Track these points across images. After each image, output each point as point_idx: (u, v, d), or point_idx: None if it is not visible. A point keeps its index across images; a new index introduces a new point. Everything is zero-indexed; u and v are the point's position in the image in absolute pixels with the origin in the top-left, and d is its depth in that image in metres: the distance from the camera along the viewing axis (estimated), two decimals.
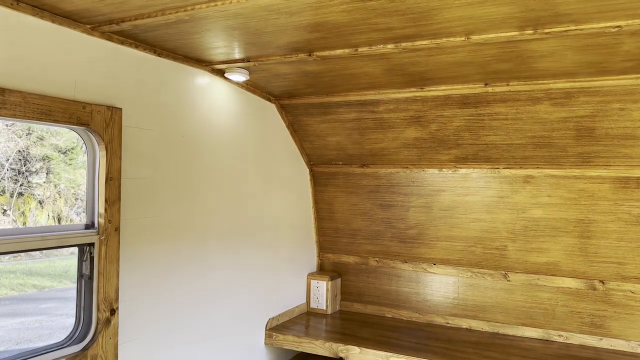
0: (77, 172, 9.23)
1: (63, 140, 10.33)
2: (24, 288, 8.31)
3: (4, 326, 6.29)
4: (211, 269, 2.23)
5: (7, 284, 8.39)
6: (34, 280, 8.53)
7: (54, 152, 9.74)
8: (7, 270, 9.15)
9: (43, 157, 9.75)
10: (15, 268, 9.42)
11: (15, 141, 9.12)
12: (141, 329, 1.89)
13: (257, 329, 2.57)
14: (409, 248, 2.86)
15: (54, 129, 11.11)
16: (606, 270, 2.40)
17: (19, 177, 8.95)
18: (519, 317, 2.59)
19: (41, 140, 10.06)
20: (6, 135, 9.04)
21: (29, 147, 9.48)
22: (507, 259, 2.60)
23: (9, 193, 8.90)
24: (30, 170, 9.17)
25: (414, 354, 2.28)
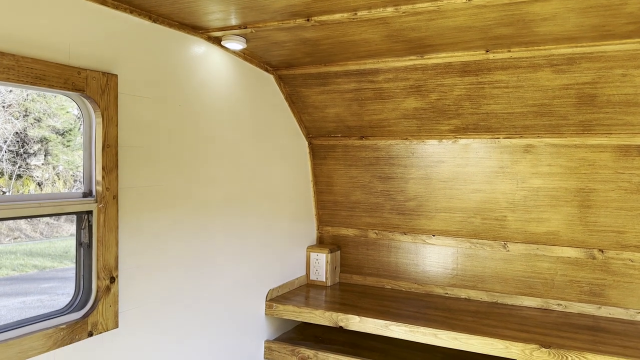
0: (75, 154, 9.19)
1: (60, 122, 10.27)
2: (24, 268, 8.34)
3: (5, 305, 6.33)
4: (211, 239, 2.23)
5: (8, 264, 8.43)
6: (35, 260, 8.56)
7: (51, 133, 9.69)
8: (8, 251, 9.18)
9: (41, 138, 9.70)
10: (16, 249, 9.44)
11: (12, 123, 9.06)
12: (141, 298, 1.89)
13: (258, 300, 2.58)
14: (408, 220, 2.86)
15: (50, 110, 11.05)
16: (605, 239, 2.41)
17: (17, 159, 8.90)
18: (518, 287, 2.60)
19: (38, 122, 10.00)
20: (3, 117, 8.98)
21: (26, 128, 9.42)
22: (506, 229, 2.60)
23: (8, 175, 8.88)
24: (28, 152, 9.13)
25: (413, 322, 2.30)
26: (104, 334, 1.74)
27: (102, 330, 1.73)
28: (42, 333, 1.53)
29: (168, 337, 2.00)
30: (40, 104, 9.85)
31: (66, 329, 1.60)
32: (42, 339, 1.53)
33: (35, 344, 1.51)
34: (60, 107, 10.09)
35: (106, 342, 1.74)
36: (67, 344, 1.61)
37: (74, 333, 1.63)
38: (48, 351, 1.55)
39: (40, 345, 1.53)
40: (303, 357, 2.50)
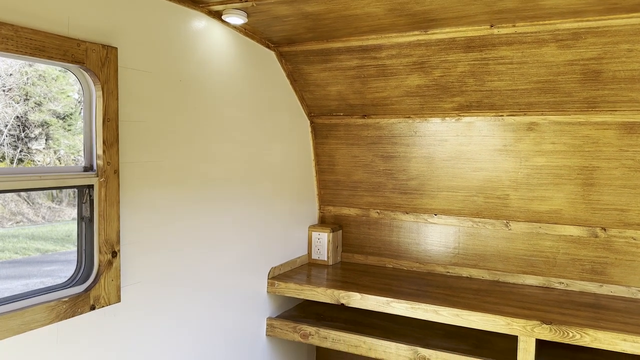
0: (76, 138, 9.16)
1: (61, 106, 10.23)
2: (27, 251, 8.38)
3: (8, 288, 6.37)
4: (212, 217, 2.22)
5: (10, 247, 8.46)
6: (37, 244, 8.59)
7: (52, 117, 9.65)
8: (10, 235, 9.21)
9: (42, 123, 9.67)
10: (18, 232, 9.48)
11: (13, 107, 9.03)
12: (143, 273, 1.89)
13: (259, 278, 2.58)
14: (410, 199, 2.85)
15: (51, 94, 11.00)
16: (608, 218, 2.40)
17: (18, 143, 8.89)
18: (520, 265, 2.60)
19: (39, 105, 9.96)
20: (3, 101, 8.94)
21: (27, 112, 9.39)
22: (508, 208, 2.59)
23: (9, 159, 8.88)
24: (29, 136, 9.11)
25: (415, 299, 2.30)
26: (106, 308, 1.74)
27: (105, 304, 1.73)
28: (44, 306, 1.54)
29: (170, 312, 2.01)
30: (41, 88, 9.80)
31: (68, 302, 1.60)
32: (45, 311, 1.53)
33: (37, 316, 1.51)
34: (60, 91, 10.03)
35: (108, 316, 1.74)
36: (69, 317, 1.61)
37: (76, 306, 1.63)
38: (50, 324, 1.55)
39: (42, 318, 1.53)
40: (305, 334, 2.51)
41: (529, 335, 2.03)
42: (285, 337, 2.57)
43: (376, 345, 2.34)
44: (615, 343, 1.91)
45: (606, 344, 1.92)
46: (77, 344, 1.63)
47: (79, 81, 1.73)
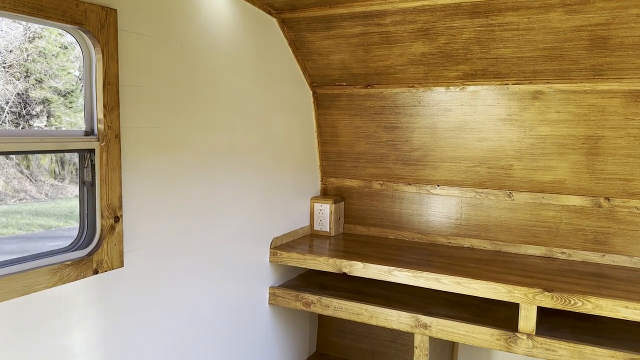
0: (77, 116, 9.12)
1: (62, 83, 10.17)
2: (30, 227, 8.42)
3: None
4: (214, 185, 2.22)
5: (14, 223, 8.50)
6: (41, 220, 8.62)
7: (53, 95, 9.59)
8: (14, 211, 9.25)
9: (43, 100, 9.62)
10: (22, 209, 9.51)
11: (13, 84, 8.98)
12: (146, 239, 1.89)
13: (262, 247, 2.59)
14: (412, 170, 2.84)
15: (52, 71, 10.91)
16: (612, 187, 2.38)
17: (20, 121, 8.92)
18: (522, 236, 2.60)
19: (40, 82, 9.90)
20: (4, 77, 8.88)
21: (28, 89, 9.34)
22: (512, 178, 2.58)
23: None
24: (30, 113, 9.07)
25: (416, 267, 2.30)
26: (110, 272, 1.75)
27: (108, 268, 1.73)
28: (47, 268, 1.54)
29: (174, 278, 2.02)
30: (41, 65, 9.72)
31: (71, 266, 1.61)
32: (48, 274, 1.54)
33: (40, 278, 1.52)
34: (61, 68, 9.96)
35: (111, 280, 1.75)
36: (72, 280, 1.62)
37: (79, 270, 1.64)
38: (54, 286, 1.56)
39: (46, 280, 1.53)
40: (307, 302, 2.52)
41: (530, 302, 2.04)
42: (287, 305, 2.59)
43: (377, 313, 2.35)
44: (617, 310, 1.91)
45: (607, 311, 1.93)
46: (81, 307, 1.64)
47: (78, 44, 1.70)
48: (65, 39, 7.83)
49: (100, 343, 1.71)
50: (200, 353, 2.19)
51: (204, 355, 2.21)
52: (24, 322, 1.47)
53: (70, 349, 1.61)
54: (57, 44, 8.62)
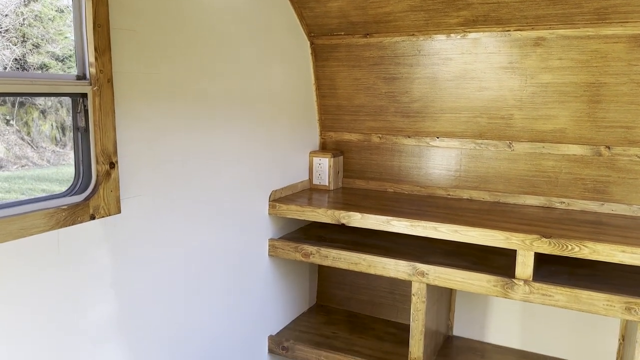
0: None
1: (59, 48, 10.05)
2: (33, 192, 8.48)
3: None
4: (211, 134, 2.20)
5: (17, 188, 8.55)
6: (43, 185, 8.67)
7: (51, 60, 9.50)
8: (16, 177, 9.31)
9: (40, 65, 9.54)
10: (24, 174, 9.57)
11: (10, 49, 8.89)
12: (143, 187, 1.89)
13: (261, 200, 2.59)
14: (412, 122, 2.81)
15: (48, 36, 10.75)
16: (613, 135, 2.36)
17: None
18: (521, 186, 2.59)
19: (37, 48, 9.79)
20: (1, 43, 8.77)
21: (25, 55, 9.25)
22: (512, 128, 2.55)
23: (10, 102, 8.83)
24: None
25: (415, 217, 2.31)
26: (107, 219, 1.75)
27: (105, 214, 1.73)
28: (43, 212, 1.54)
29: (172, 227, 2.02)
30: (38, 29, 9.58)
31: (68, 210, 1.61)
32: (44, 217, 1.54)
33: (37, 221, 1.52)
34: (58, 33, 9.82)
35: (109, 226, 1.76)
36: (69, 225, 1.62)
37: (75, 215, 1.64)
38: (51, 230, 1.56)
39: (42, 224, 1.53)
40: (306, 253, 2.54)
41: (527, 249, 2.05)
42: (287, 256, 2.61)
43: (375, 262, 2.37)
44: (614, 255, 1.92)
45: (604, 256, 1.93)
46: (79, 251, 1.65)
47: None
48: (61, 2, 7.68)
49: (98, 288, 1.73)
50: (201, 303, 2.21)
51: (205, 305, 2.24)
52: (21, 265, 1.48)
53: (68, 293, 1.63)
54: (53, 7, 8.47)
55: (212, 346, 2.31)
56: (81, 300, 1.67)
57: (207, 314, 2.26)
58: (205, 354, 2.27)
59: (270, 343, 2.72)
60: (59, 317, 1.59)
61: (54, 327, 1.58)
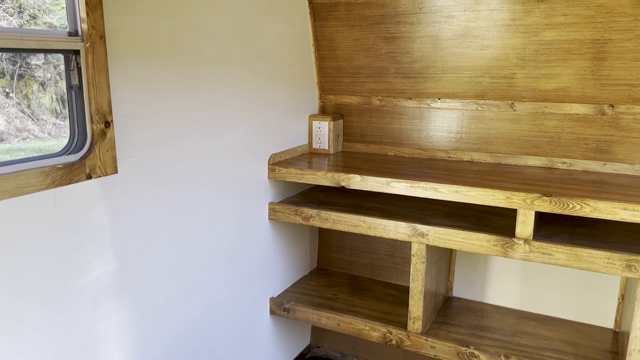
0: None
1: (57, 19, 9.91)
2: None
3: None
4: (207, 95, 2.16)
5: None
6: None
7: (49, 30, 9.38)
8: (17, 149, 9.30)
9: None
10: (25, 146, 9.58)
11: (7, 20, 8.77)
12: (140, 148, 1.87)
13: (260, 163, 2.57)
14: (413, 84, 2.76)
15: (45, 6, 10.62)
16: (617, 94, 2.32)
17: (17, 58, 8.74)
18: (523, 147, 2.56)
19: (34, 19, 9.65)
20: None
21: (22, 26, 9.14)
22: (514, 88, 2.51)
23: (9, 74, 8.77)
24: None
25: (415, 178, 2.29)
26: (104, 178, 1.74)
27: (101, 174, 1.72)
28: (38, 170, 1.52)
29: (171, 189, 2.01)
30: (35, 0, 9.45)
31: (63, 169, 1.59)
32: (39, 176, 1.52)
33: (32, 180, 1.51)
34: (55, 3, 9.68)
35: (106, 186, 1.74)
36: (65, 184, 1.60)
37: (71, 174, 1.62)
38: (47, 189, 1.55)
39: (38, 182, 1.52)
40: (306, 216, 2.53)
41: (528, 208, 2.03)
42: (287, 220, 2.60)
43: (375, 224, 2.36)
44: (615, 212, 1.90)
45: (606, 214, 1.92)
46: (76, 210, 1.64)
47: None
48: None
49: (96, 248, 1.73)
50: (201, 265, 2.22)
51: (205, 266, 2.25)
52: (18, 223, 1.48)
53: (66, 252, 1.63)
54: None
55: (213, 307, 2.33)
56: (79, 260, 1.67)
57: (207, 275, 2.27)
58: (207, 315, 2.29)
59: (271, 305, 2.75)
60: (56, 276, 1.60)
61: (52, 285, 1.59)
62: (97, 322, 1.75)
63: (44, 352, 1.58)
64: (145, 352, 1.98)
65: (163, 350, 2.06)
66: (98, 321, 1.76)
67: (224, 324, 2.42)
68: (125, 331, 1.88)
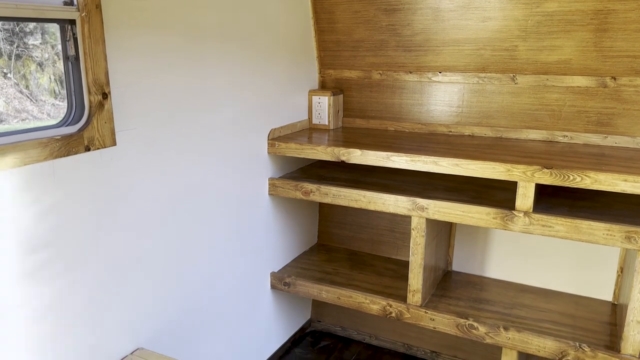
0: None
1: None
2: None
3: None
4: (205, 68, 2.14)
5: None
6: None
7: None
8: (15, 129, 9.26)
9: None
10: (24, 127, 9.52)
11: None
12: (138, 120, 1.85)
13: (259, 138, 2.56)
14: (414, 57, 2.73)
15: None
16: (620, 65, 2.29)
17: (14, 38, 8.64)
18: (524, 121, 2.54)
19: None
20: None
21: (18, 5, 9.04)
22: (516, 60, 2.48)
23: (6, 54, 8.70)
24: (24, 30, 8.83)
25: (415, 152, 2.28)
26: (102, 150, 1.73)
27: (100, 146, 1.71)
28: (36, 141, 1.52)
29: (171, 162, 2.01)
30: None
31: (61, 141, 1.58)
32: (38, 147, 1.52)
33: (30, 151, 1.50)
34: None
35: (105, 158, 1.74)
36: (64, 156, 1.60)
37: (70, 145, 1.61)
38: (45, 160, 1.54)
39: (36, 154, 1.52)
40: (306, 191, 2.53)
41: (529, 180, 2.03)
42: (287, 195, 2.60)
43: (375, 198, 2.36)
44: (616, 184, 1.90)
45: (606, 185, 1.92)
46: (75, 182, 1.64)
47: None
48: None
49: (95, 220, 1.73)
50: (201, 239, 2.23)
51: (205, 241, 2.25)
52: (17, 195, 1.47)
53: (65, 224, 1.63)
54: None
55: (214, 281, 2.34)
56: (78, 232, 1.67)
57: (207, 249, 2.28)
58: (207, 289, 2.31)
59: (272, 279, 2.76)
60: (57, 245, 1.60)
61: (52, 256, 1.59)
62: (95, 292, 1.77)
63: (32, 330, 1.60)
64: (145, 325, 1.99)
65: (164, 324, 2.08)
66: (96, 291, 1.77)
67: (225, 298, 2.44)
68: (125, 304, 1.89)
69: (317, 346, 3.09)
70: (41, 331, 1.58)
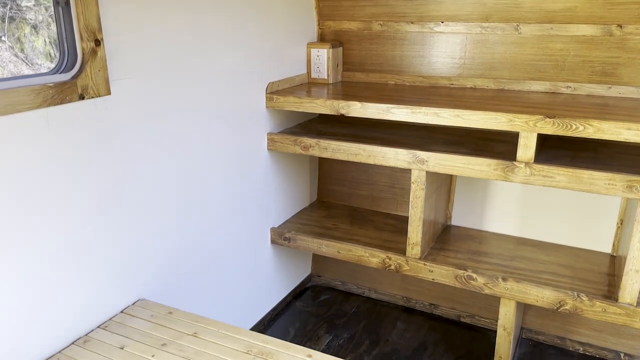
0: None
1: None
2: None
3: None
4: (201, 15, 2.08)
5: None
6: None
7: None
8: None
9: None
10: None
11: None
12: (133, 69, 1.81)
13: (257, 93, 2.51)
14: (415, 6, 2.66)
15: None
16: (626, 13, 2.23)
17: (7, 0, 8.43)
18: (527, 72, 2.49)
19: None
20: None
21: None
22: (520, 9, 2.41)
23: (0, 18, 8.52)
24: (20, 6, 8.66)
25: (416, 104, 2.24)
26: (97, 99, 1.70)
27: (94, 95, 1.68)
28: (29, 88, 1.48)
29: (167, 114, 1.97)
30: None
31: (55, 88, 1.55)
32: (30, 94, 1.48)
33: (23, 98, 1.47)
34: None
35: (99, 107, 1.71)
36: (57, 104, 1.57)
37: (63, 93, 1.58)
38: (39, 108, 1.51)
39: (29, 101, 1.48)
40: (305, 146, 2.51)
41: (531, 130, 2.00)
42: (286, 150, 2.58)
43: (375, 152, 2.34)
44: (619, 132, 1.87)
45: (609, 134, 1.89)
46: (69, 130, 1.61)
47: None
48: None
49: (90, 170, 1.71)
50: (200, 193, 2.22)
51: (204, 194, 2.24)
52: (11, 141, 1.45)
53: (59, 173, 1.61)
54: None
55: (214, 235, 2.35)
56: (72, 182, 1.65)
57: (206, 204, 2.27)
58: (207, 243, 2.31)
59: (272, 234, 2.77)
60: (49, 196, 1.58)
61: (45, 205, 1.58)
62: (95, 243, 1.77)
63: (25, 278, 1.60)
64: (146, 277, 2.00)
65: (166, 279, 2.09)
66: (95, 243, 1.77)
67: (225, 251, 2.45)
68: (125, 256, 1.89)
69: (317, 299, 3.12)
70: (42, 284, 1.58)
